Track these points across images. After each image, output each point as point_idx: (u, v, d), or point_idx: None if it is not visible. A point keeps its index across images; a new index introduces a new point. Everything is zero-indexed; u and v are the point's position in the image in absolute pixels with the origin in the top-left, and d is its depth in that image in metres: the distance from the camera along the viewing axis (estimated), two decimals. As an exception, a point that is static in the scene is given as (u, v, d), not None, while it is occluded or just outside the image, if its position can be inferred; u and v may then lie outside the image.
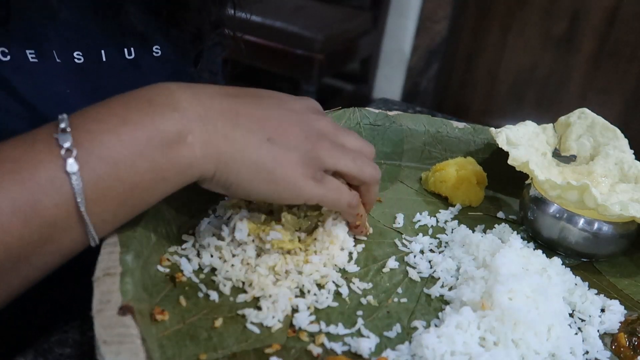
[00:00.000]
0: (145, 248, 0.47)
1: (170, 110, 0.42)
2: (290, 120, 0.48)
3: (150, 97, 0.43)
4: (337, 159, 0.49)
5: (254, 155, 0.44)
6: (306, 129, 0.48)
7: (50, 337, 0.47)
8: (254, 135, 0.45)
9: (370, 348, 0.45)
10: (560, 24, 2.43)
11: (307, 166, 0.46)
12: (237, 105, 0.46)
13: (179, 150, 0.42)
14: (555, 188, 0.58)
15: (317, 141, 0.48)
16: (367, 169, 0.51)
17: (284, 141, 0.46)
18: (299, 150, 0.46)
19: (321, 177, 0.48)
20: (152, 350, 0.38)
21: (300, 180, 0.46)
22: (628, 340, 0.49)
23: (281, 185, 0.46)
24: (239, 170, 0.44)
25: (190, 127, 0.42)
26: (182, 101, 0.43)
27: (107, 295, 0.39)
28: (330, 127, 0.50)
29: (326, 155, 0.48)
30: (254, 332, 0.45)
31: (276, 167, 0.45)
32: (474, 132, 0.73)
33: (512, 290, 0.47)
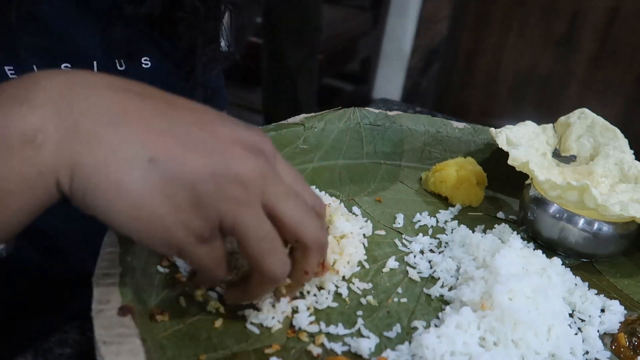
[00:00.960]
0: (144, 248, 0.47)
1: (18, 104, 0.33)
2: (198, 147, 0.35)
3: (3, 88, 0.34)
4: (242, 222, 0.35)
5: (121, 174, 0.33)
6: (218, 166, 0.35)
7: (50, 337, 0.47)
8: (130, 148, 0.33)
9: (370, 348, 0.45)
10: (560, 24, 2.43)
11: (195, 215, 0.34)
12: (130, 103, 0.35)
13: (24, 155, 0.32)
14: (555, 188, 0.58)
15: (224, 185, 0.35)
16: (310, 228, 0.39)
17: (173, 169, 0.34)
18: (189, 188, 0.34)
19: (210, 236, 0.36)
20: (152, 350, 0.38)
21: (174, 229, 0.34)
22: (628, 340, 0.49)
23: (145, 225, 0.34)
24: (97, 189, 0.33)
25: (42, 124, 0.33)
26: (42, 91, 0.34)
27: (107, 296, 0.39)
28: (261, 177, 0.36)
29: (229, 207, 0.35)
30: (254, 333, 0.45)
31: (145, 200, 0.33)
32: (474, 133, 0.73)
33: (512, 290, 0.47)
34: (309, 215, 0.40)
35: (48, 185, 0.34)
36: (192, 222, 0.35)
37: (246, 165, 0.36)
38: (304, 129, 0.66)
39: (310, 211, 0.40)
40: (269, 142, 0.39)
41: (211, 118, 0.38)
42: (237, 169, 0.35)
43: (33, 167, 0.33)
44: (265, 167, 0.37)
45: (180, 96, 0.39)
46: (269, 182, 0.37)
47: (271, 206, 0.37)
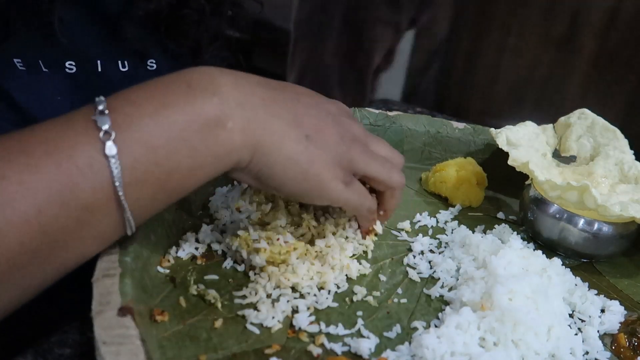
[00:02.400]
0: (144, 249, 0.47)
1: (210, 95, 0.41)
2: (327, 120, 0.47)
3: (190, 81, 0.42)
4: (368, 164, 0.49)
5: (291, 150, 0.44)
6: (341, 132, 0.47)
7: (50, 338, 0.47)
8: (293, 130, 0.44)
9: (370, 348, 0.45)
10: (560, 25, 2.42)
11: (339, 168, 0.46)
12: (278, 96, 0.45)
13: (218, 136, 0.41)
14: (555, 189, 0.58)
15: (350, 145, 0.48)
16: (394, 176, 0.52)
17: (320, 140, 0.45)
18: (333, 152, 0.46)
19: (350, 180, 0.48)
20: (152, 351, 0.38)
21: (331, 182, 0.46)
22: (628, 340, 0.49)
23: (311, 184, 0.45)
24: (275, 163, 0.44)
25: (231, 113, 0.41)
26: (222, 86, 0.42)
27: (107, 297, 0.39)
28: (363, 133, 0.51)
29: (358, 159, 0.48)
30: (254, 333, 0.45)
31: (310, 166, 0.45)
32: (474, 133, 0.73)
33: (512, 290, 0.47)
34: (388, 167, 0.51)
35: (232, 161, 0.42)
36: (339, 174, 0.46)
37: (354, 128, 0.49)
38: (304, 130, 0.66)
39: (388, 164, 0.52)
40: (348, 108, 0.53)
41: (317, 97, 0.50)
42: (352, 131, 0.49)
43: (224, 147, 0.41)
44: (360, 126, 0.51)
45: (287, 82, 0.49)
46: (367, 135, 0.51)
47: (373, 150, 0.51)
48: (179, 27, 0.62)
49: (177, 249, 0.51)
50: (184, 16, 0.62)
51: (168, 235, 0.52)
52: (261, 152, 0.43)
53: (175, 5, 0.60)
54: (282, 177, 0.44)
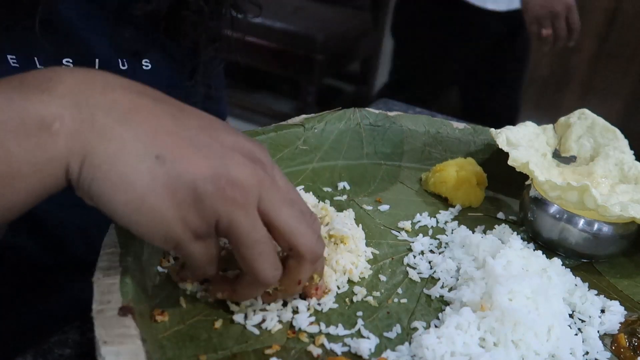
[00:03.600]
0: (145, 249, 0.47)
1: (39, 92, 0.34)
2: (202, 150, 0.37)
3: (26, 77, 0.35)
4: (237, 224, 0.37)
5: (127, 167, 0.35)
6: (219, 169, 0.36)
7: (50, 338, 0.47)
8: (139, 144, 0.35)
9: (370, 349, 0.45)
10: (561, 25, 2.42)
11: (194, 212, 0.36)
12: (143, 104, 0.37)
13: (39, 140, 0.34)
14: (555, 189, 0.58)
15: (224, 187, 0.36)
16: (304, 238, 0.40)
17: (178, 168, 0.35)
18: (191, 187, 0.36)
19: (205, 234, 0.38)
20: (152, 351, 0.38)
21: (173, 224, 0.36)
22: (628, 341, 0.49)
23: (145, 219, 0.36)
24: (104, 179, 0.35)
25: (60, 113, 0.34)
26: (62, 84, 0.35)
27: (107, 296, 0.39)
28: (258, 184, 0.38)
29: (226, 208, 0.36)
30: (253, 333, 0.45)
31: (149, 194, 0.35)
32: (474, 133, 0.73)
33: (512, 291, 0.47)
34: (304, 224, 0.41)
35: (57, 171, 0.35)
36: (191, 219, 0.36)
37: (245, 171, 0.37)
38: (303, 130, 0.66)
39: (305, 220, 0.41)
40: (267, 153, 0.41)
41: (217, 126, 0.39)
42: (237, 173, 0.37)
43: (46, 152, 0.34)
44: (263, 175, 0.38)
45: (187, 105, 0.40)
46: (266, 189, 0.38)
47: (267, 212, 0.39)
48: (178, 27, 0.62)
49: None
50: (183, 17, 0.61)
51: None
52: (90, 163, 0.35)
53: (174, 6, 0.61)
54: (111, 201, 0.35)
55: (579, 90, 2.49)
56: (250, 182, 0.37)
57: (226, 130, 0.40)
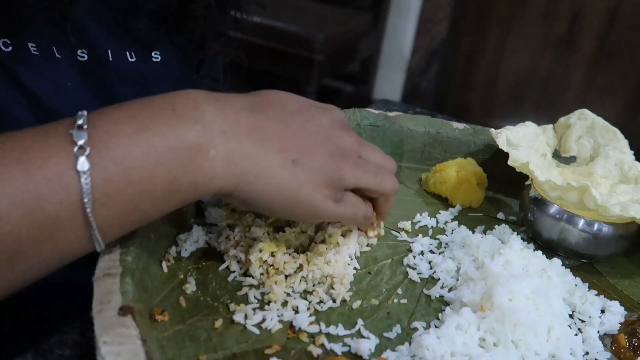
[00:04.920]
0: (145, 249, 0.47)
1: (194, 122, 0.41)
2: (316, 139, 0.47)
3: (175, 105, 0.41)
4: (359, 178, 0.48)
5: (278, 178, 0.44)
6: (331, 148, 0.47)
7: (50, 338, 0.47)
8: (279, 157, 0.44)
9: (370, 349, 0.45)
10: (560, 25, 2.43)
11: (329, 187, 0.46)
12: (264, 122, 0.45)
13: (199, 164, 0.41)
14: (555, 189, 0.58)
15: (340, 160, 0.47)
16: (387, 184, 0.51)
17: (308, 163, 0.45)
18: (322, 172, 0.46)
19: (341, 197, 0.48)
20: (152, 351, 0.38)
21: (321, 202, 0.46)
22: (628, 341, 0.49)
23: (302, 207, 0.46)
24: (261, 191, 0.44)
25: (213, 141, 0.41)
26: (207, 113, 0.42)
27: (107, 296, 0.39)
28: (355, 144, 0.50)
29: (349, 175, 0.47)
30: (254, 333, 0.45)
31: (299, 190, 0.45)
32: (474, 133, 0.73)
33: (512, 291, 0.47)
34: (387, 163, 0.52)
35: (211, 188, 0.42)
36: (329, 193, 0.46)
37: (347, 141, 0.49)
38: (304, 130, 0.66)
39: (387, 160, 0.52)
40: (344, 116, 0.52)
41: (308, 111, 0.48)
42: (343, 146, 0.48)
43: (204, 175, 0.41)
44: (355, 137, 0.50)
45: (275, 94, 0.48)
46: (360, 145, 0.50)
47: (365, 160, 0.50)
48: (186, 21, 0.63)
49: (177, 249, 0.52)
50: (191, 11, 0.63)
51: (168, 235, 0.52)
52: (246, 181, 0.43)
53: (183, 1, 0.62)
54: (272, 204, 0.45)
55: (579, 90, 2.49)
56: (354, 148, 0.49)
57: (316, 112, 0.49)
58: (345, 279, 0.50)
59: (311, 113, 0.49)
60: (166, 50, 0.63)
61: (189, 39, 0.65)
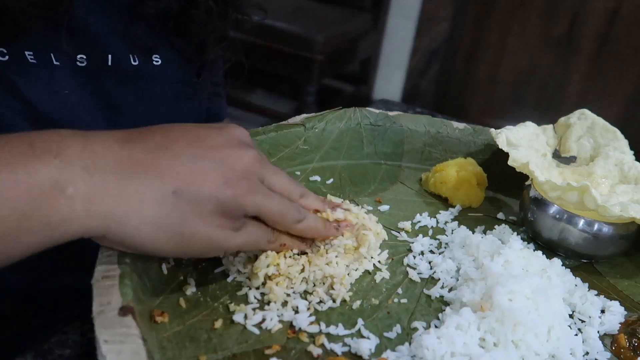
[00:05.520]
0: (145, 249, 0.47)
1: (51, 157, 0.37)
2: (204, 164, 0.42)
3: (34, 140, 0.38)
4: (261, 205, 0.44)
5: (155, 213, 0.39)
6: (224, 172, 0.42)
7: (50, 338, 0.47)
8: (154, 190, 0.39)
9: (370, 349, 0.45)
10: (560, 25, 2.43)
11: (225, 216, 0.42)
12: (138, 153, 0.40)
13: (54, 203, 0.37)
14: (555, 189, 0.58)
15: (236, 185, 0.42)
16: (291, 215, 0.47)
17: (194, 192, 0.40)
18: (213, 201, 0.41)
19: (240, 225, 0.43)
20: (153, 351, 0.38)
21: (216, 234, 0.42)
22: (628, 341, 0.49)
23: (192, 242, 0.41)
24: (137, 231, 0.39)
25: (73, 178, 0.37)
26: (69, 148, 0.38)
27: (107, 297, 0.39)
28: (256, 164, 0.44)
29: (247, 201, 0.43)
30: (253, 333, 0.45)
31: (183, 224, 0.40)
32: (474, 133, 0.73)
33: (512, 291, 0.47)
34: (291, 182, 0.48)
35: (71, 231, 0.38)
36: (224, 222, 0.42)
37: (244, 161, 0.43)
38: (304, 130, 0.66)
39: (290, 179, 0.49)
40: (246, 132, 0.47)
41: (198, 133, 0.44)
42: (240, 168, 0.43)
43: (59, 214, 0.37)
44: (256, 156, 0.44)
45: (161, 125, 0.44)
46: (261, 165, 0.45)
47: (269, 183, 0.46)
48: (187, 26, 0.63)
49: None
50: (193, 16, 0.63)
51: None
52: (115, 221, 0.39)
53: (184, 5, 0.62)
54: (154, 244, 0.40)
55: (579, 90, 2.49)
56: (253, 169, 0.43)
57: (206, 132, 0.44)
58: (346, 280, 0.50)
59: (201, 135, 0.44)
60: (167, 54, 0.63)
61: (189, 43, 0.65)
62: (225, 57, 0.71)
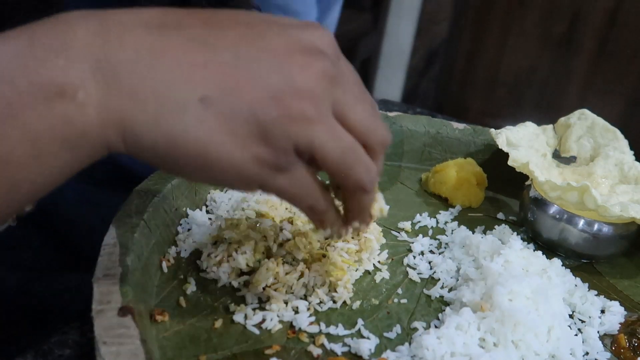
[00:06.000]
0: (145, 249, 0.47)
1: (54, 55, 0.30)
2: (251, 68, 0.31)
3: (35, 34, 0.30)
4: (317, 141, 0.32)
5: (173, 126, 0.30)
6: (277, 82, 0.31)
7: (50, 338, 0.47)
8: (176, 91, 0.30)
9: (370, 349, 0.45)
10: (560, 25, 2.43)
11: (267, 145, 0.32)
12: (168, 42, 0.31)
13: (64, 112, 0.30)
14: (556, 189, 0.58)
15: (289, 104, 0.31)
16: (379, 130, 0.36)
17: (229, 101, 0.31)
18: (252, 119, 0.31)
19: (287, 164, 0.33)
20: (152, 351, 0.38)
21: (246, 166, 0.32)
22: (628, 341, 0.49)
23: (217, 173, 0.32)
24: (154, 146, 0.31)
25: (82, 79, 0.30)
26: (78, 41, 0.30)
27: (107, 296, 0.39)
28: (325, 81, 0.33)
29: (299, 129, 0.32)
30: (253, 333, 0.45)
31: (207, 147, 0.31)
32: (474, 133, 0.73)
33: (512, 291, 0.47)
34: (376, 118, 0.37)
35: (94, 145, 0.31)
36: (264, 155, 0.32)
37: (308, 74, 0.32)
38: (304, 130, 0.66)
39: (376, 114, 0.37)
40: (329, 38, 0.34)
41: (260, 29, 0.33)
42: (300, 81, 0.32)
43: (75, 127, 0.30)
44: (329, 69, 0.33)
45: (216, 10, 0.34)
46: (335, 85, 0.33)
47: (342, 114, 0.34)
48: None
49: (177, 249, 0.51)
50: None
51: (168, 235, 0.52)
52: (132, 132, 0.31)
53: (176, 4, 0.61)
54: (172, 163, 0.32)
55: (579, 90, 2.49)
56: (318, 87, 0.32)
57: (272, 27, 0.33)
58: (348, 285, 0.50)
59: (259, 29, 0.33)
60: None
61: None
62: None
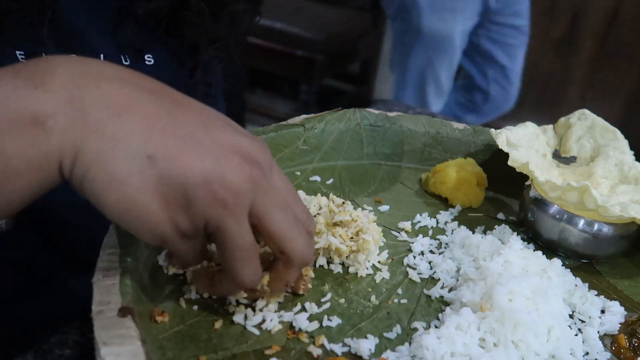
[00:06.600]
0: (144, 249, 0.47)
1: (32, 88, 0.34)
2: (199, 147, 0.36)
3: (19, 70, 0.35)
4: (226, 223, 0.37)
5: (117, 168, 0.34)
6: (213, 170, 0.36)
7: (50, 338, 0.47)
8: (131, 141, 0.35)
9: (370, 349, 0.45)
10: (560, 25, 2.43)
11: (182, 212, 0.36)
12: (138, 98, 0.36)
13: (33, 137, 0.34)
14: (556, 189, 0.58)
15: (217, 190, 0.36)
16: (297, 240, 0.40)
17: (170, 168, 0.35)
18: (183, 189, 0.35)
19: (193, 235, 0.38)
20: (152, 351, 0.38)
21: (161, 226, 0.36)
22: (628, 341, 0.49)
23: (135, 219, 0.36)
24: (95, 178, 0.35)
25: (54, 110, 0.34)
26: (57, 77, 0.35)
27: (107, 297, 0.39)
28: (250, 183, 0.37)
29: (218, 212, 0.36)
30: (254, 334, 0.45)
31: (139, 195, 0.35)
32: (474, 133, 0.73)
33: (512, 291, 0.47)
34: (297, 229, 0.41)
35: (52, 168, 0.35)
36: (180, 221, 0.36)
37: (240, 174, 0.37)
38: (304, 130, 0.66)
39: (298, 225, 0.41)
40: (267, 151, 0.40)
41: (215, 122, 0.39)
42: (231, 177, 0.36)
43: (40, 149, 0.34)
44: (259, 177, 0.38)
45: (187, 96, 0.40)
46: (260, 192, 0.38)
47: (259, 216, 0.39)
48: (179, 27, 0.63)
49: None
50: (184, 17, 0.62)
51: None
52: (82, 159, 0.34)
53: (175, 6, 0.61)
54: (103, 199, 0.35)
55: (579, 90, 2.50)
56: (243, 186, 0.37)
57: (225, 127, 0.39)
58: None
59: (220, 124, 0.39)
60: (159, 54, 0.63)
61: (181, 43, 0.64)
62: (219, 57, 0.70)
